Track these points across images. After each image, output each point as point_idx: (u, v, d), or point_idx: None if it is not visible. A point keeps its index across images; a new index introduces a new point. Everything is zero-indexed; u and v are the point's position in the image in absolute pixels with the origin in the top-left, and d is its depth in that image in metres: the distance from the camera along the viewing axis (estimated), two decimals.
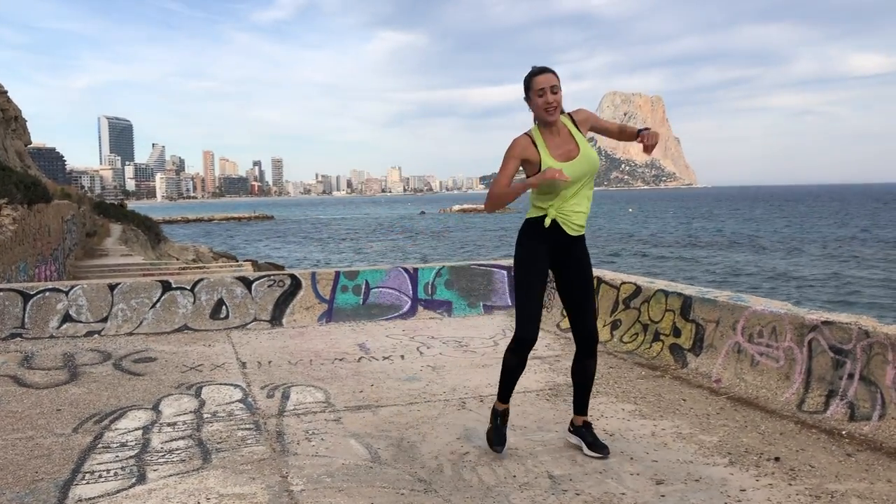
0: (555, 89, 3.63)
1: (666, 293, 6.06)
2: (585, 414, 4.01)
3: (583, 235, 3.84)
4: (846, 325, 4.40)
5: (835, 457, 3.82)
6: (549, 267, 3.84)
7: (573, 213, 3.72)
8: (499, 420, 3.97)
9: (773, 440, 4.08)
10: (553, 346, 6.61)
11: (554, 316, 7.50)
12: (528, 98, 3.71)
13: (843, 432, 4.13)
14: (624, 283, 6.67)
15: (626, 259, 44.62)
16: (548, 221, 3.71)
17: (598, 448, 3.85)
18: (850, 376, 4.31)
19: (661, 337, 5.97)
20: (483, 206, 3.85)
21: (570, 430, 4.04)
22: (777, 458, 3.79)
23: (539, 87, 3.63)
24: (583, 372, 3.96)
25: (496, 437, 3.92)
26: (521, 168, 3.76)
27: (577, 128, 3.78)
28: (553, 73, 3.66)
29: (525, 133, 3.74)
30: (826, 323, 4.53)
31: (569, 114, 3.80)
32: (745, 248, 51.16)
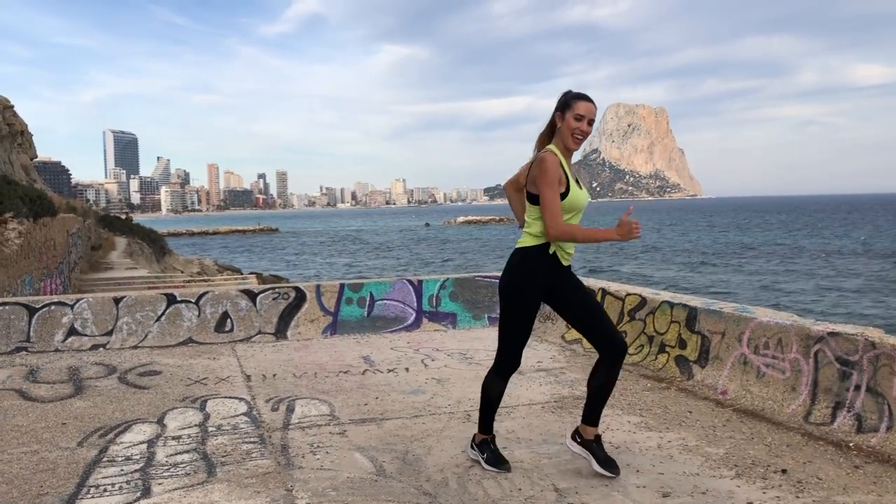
0: (591, 122, 3.60)
1: (671, 305, 6.05)
2: (597, 425, 3.79)
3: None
4: (852, 336, 4.38)
5: (842, 469, 3.80)
6: (542, 299, 3.78)
7: (567, 245, 3.70)
8: (493, 446, 3.89)
9: (779, 452, 4.06)
10: (558, 357, 6.60)
11: (559, 328, 7.49)
12: (561, 115, 3.61)
13: (851, 444, 4.11)
14: (629, 294, 6.66)
15: (626, 271, 44.65)
16: (552, 249, 3.66)
17: (610, 466, 3.68)
18: (857, 388, 4.29)
19: (667, 349, 5.95)
20: (548, 231, 3.59)
21: (575, 441, 3.81)
22: (784, 471, 3.77)
23: (581, 112, 3.56)
24: (605, 385, 3.72)
25: (499, 458, 3.84)
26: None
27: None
28: (595, 106, 3.63)
29: (551, 152, 3.64)
30: (832, 334, 4.52)
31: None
32: (746, 258, 51.28)
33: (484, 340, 7.42)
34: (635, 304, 6.51)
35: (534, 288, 3.68)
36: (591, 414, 3.77)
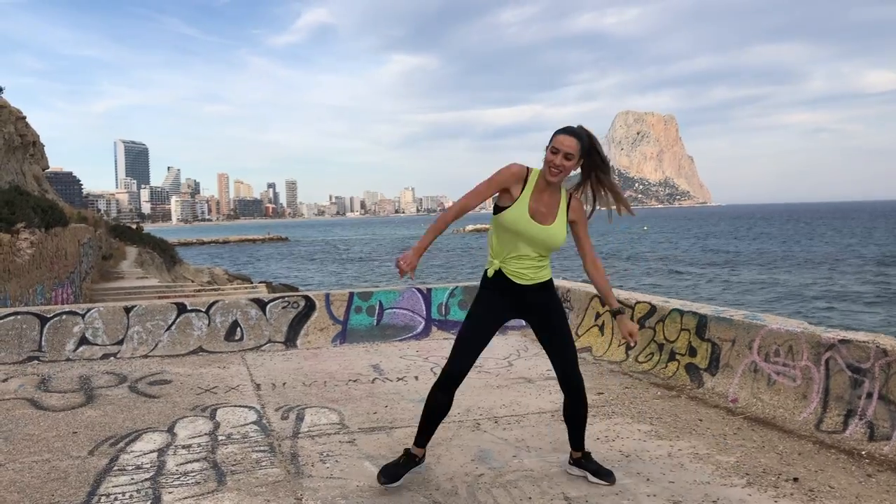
0: (569, 157, 3.50)
1: (681, 312, 6.03)
2: (583, 448, 3.90)
3: (544, 284, 3.71)
4: (864, 343, 4.36)
5: (854, 477, 3.77)
6: (512, 315, 3.75)
7: (519, 267, 3.65)
8: (401, 460, 3.77)
9: (791, 460, 4.04)
10: None
11: None
12: (546, 149, 3.59)
13: (863, 452, 4.08)
14: (639, 302, 6.64)
15: (640, 277, 44.57)
16: (490, 272, 3.68)
17: (604, 475, 3.77)
18: (869, 395, 4.26)
19: (677, 356, 5.93)
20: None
21: (570, 463, 3.94)
22: (796, 479, 3.75)
23: (556, 145, 3.51)
24: (574, 417, 3.82)
25: (389, 471, 3.71)
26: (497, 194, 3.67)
27: (568, 210, 3.66)
28: (580, 139, 3.52)
29: (527, 167, 3.65)
30: (843, 341, 4.49)
31: (571, 194, 3.69)
32: (751, 265, 51.18)
33: (493, 349, 7.40)
34: (645, 312, 6.50)
35: (492, 294, 3.71)
36: (575, 441, 3.89)
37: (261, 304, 7.76)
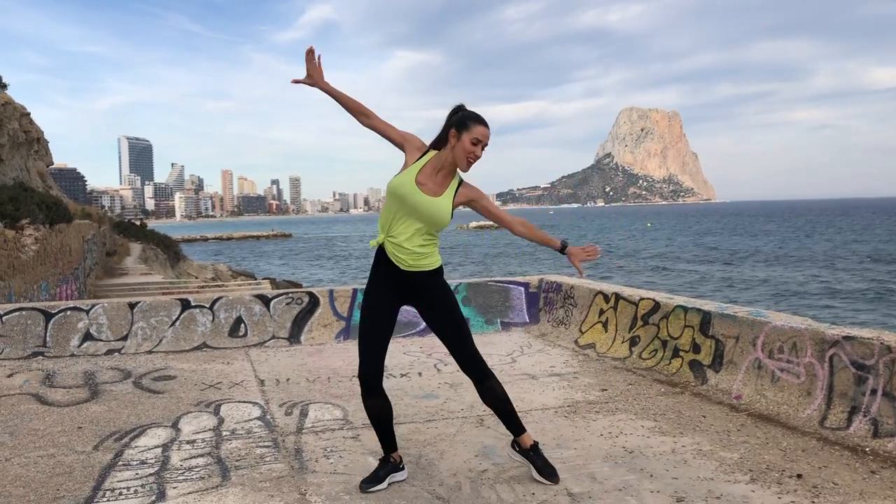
0: (484, 147, 3.51)
1: (685, 309, 6.02)
2: (524, 431, 3.78)
3: (431, 273, 3.66)
4: (868, 340, 4.35)
5: (858, 474, 3.77)
6: (401, 303, 3.72)
7: (398, 247, 3.55)
8: (378, 465, 3.77)
9: (795, 457, 4.04)
10: (571, 362, 6.58)
11: (572, 332, 7.48)
12: (457, 134, 3.48)
13: (867, 449, 4.08)
14: (642, 298, 6.64)
15: (640, 273, 44.56)
16: (373, 243, 3.63)
17: (548, 474, 3.70)
18: (873, 392, 4.25)
19: (681, 353, 5.93)
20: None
21: (515, 450, 3.83)
22: (799, 476, 3.75)
23: (478, 136, 3.46)
24: (489, 396, 3.75)
25: (368, 478, 3.70)
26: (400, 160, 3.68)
27: (456, 193, 3.59)
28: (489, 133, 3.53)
29: (427, 145, 3.64)
30: (847, 338, 4.49)
31: (461, 180, 3.65)
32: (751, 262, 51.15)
33: (496, 345, 7.42)
34: (649, 309, 6.49)
35: (376, 284, 3.67)
36: (510, 426, 3.79)
37: (265, 301, 7.78)
